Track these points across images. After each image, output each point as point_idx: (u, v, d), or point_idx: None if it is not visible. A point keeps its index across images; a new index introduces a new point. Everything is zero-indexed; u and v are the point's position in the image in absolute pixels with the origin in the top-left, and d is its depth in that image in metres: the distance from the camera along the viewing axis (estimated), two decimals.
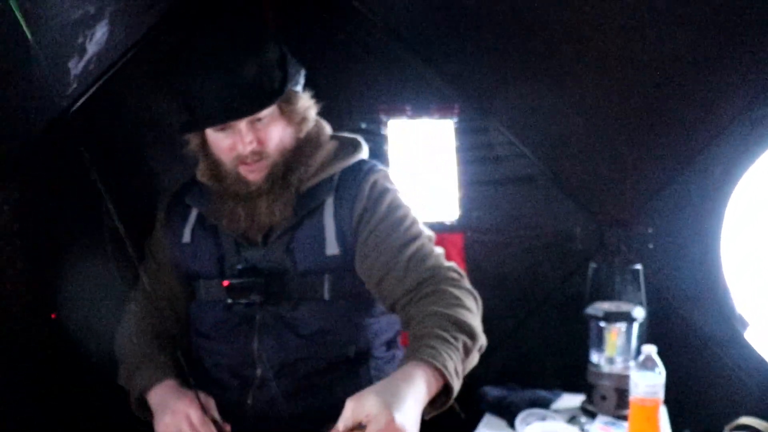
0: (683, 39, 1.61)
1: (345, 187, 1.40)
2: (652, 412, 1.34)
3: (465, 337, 1.21)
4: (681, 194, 1.78)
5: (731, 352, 1.79)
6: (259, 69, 1.29)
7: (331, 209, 1.38)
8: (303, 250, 1.38)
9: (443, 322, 1.20)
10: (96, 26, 1.43)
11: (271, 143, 1.34)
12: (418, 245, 1.36)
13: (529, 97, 1.82)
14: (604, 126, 1.79)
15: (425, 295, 1.28)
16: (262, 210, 1.35)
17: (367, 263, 1.37)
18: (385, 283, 1.35)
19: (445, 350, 1.15)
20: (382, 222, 1.38)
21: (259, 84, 1.29)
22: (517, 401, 1.69)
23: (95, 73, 1.56)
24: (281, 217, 1.36)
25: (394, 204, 1.41)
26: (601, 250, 1.86)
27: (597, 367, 1.67)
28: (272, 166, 1.35)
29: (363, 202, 1.38)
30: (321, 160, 1.42)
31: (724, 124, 1.69)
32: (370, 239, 1.37)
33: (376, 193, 1.40)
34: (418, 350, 1.14)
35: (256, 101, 1.29)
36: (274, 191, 1.35)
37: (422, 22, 1.83)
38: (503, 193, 1.90)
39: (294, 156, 1.37)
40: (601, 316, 1.66)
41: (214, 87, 1.28)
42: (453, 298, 1.26)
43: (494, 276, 1.92)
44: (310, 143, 1.41)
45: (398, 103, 1.93)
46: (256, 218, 1.36)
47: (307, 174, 1.39)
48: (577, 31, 1.68)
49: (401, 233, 1.37)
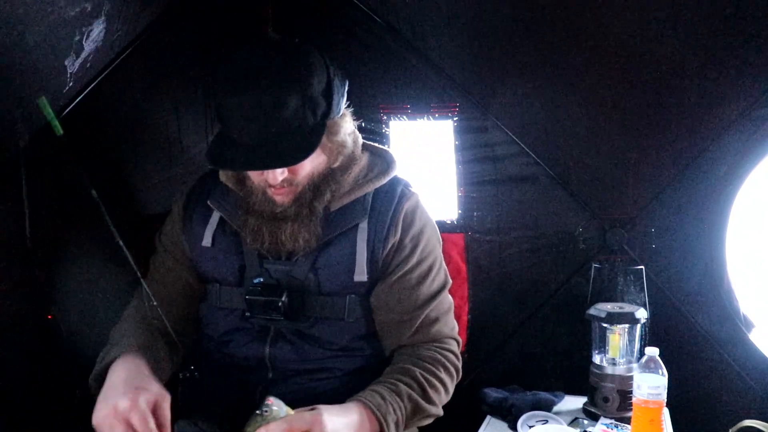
0: (686, 38, 1.60)
1: (379, 212, 1.36)
2: (655, 414, 1.32)
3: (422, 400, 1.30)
4: (684, 194, 1.77)
5: (735, 354, 1.78)
6: (302, 103, 1.19)
7: (365, 234, 1.34)
8: (330, 273, 1.35)
9: (409, 380, 1.30)
10: (93, 24, 1.42)
11: (302, 173, 1.28)
12: (435, 304, 1.40)
13: (530, 96, 1.82)
14: (606, 125, 1.78)
15: (417, 354, 1.37)
16: (286, 234, 1.31)
17: (383, 302, 1.38)
18: (390, 328, 1.40)
19: (392, 402, 1.25)
20: (410, 272, 1.37)
21: (302, 122, 1.20)
22: (518, 403, 1.67)
23: (92, 71, 1.56)
24: (304, 245, 1.32)
25: (426, 250, 1.40)
26: (604, 250, 1.85)
27: (599, 369, 1.66)
28: (300, 192, 1.30)
29: (396, 237, 1.36)
30: (354, 177, 1.38)
31: (728, 123, 1.68)
32: (396, 285, 1.37)
33: (411, 233, 1.38)
34: (366, 393, 1.25)
35: (297, 151, 1.20)
36: (300, 217, 1.30)
37: (422, 22, 1.82)
38: (504, 192, 1.89)
39: (324, 181, 1.32)
40: (603, 317, 1.65)
41: (254, 127, 1.18)
42: (435, 371, 1.35)
43: (495, 276, 1.91)
44: (343, 165, 1.36)
45: (398, 103, 1.92)
46: (280, 241, 1.32)
47: (339, 193, 1.35)
48: (578, 29, 1.67)
49: (424, 289, 1.39)
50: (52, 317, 1.54)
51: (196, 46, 1.81)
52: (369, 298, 1.39)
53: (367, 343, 1.41)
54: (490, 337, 1.93)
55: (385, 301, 1.38)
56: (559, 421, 1.61)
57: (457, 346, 1.44)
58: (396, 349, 1.41)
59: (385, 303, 1.38)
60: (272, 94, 1.17)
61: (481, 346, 1.93)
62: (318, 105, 1.22)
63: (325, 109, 1.24)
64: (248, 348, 1.38)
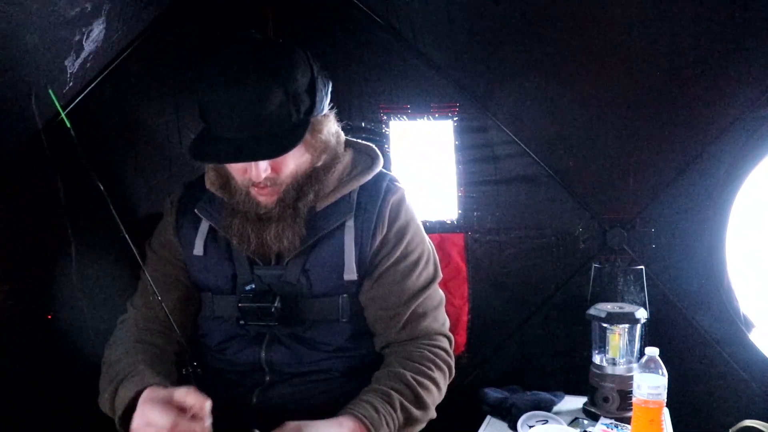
0: (686, 38, 1.60)
1: (365, 208, 1.35)
2: (655, 414, 1.32)
3: (414, 408, 1.28)
4: (684, 194, 1.77)
5: (735, 354, 1.77)
6: (285, 98, 1.19)
7: (352, 232, 1.33)
8: (321, 273, 1.34)
9: (401, 387, 1.28)
10: (93, 24, 1.42)
11: (286, 171, 1.28)
12: (424, 298, 1.38)
13: (530, 96, 1.81)
14: (606, 125, 1.78)
15: (407, 354, 1.34)
16: (270, 236, 1.30)
17: (370, 298, 1.37)
18: (381, 324, 1.38)
19: (385, 414, 1.22)
20: (397, 264, 1.37)
21: (285, 117, 1.20)
22: (518, 403, 1.67)
23: (92, 71, 1.56)
24: (289, 246, 1.31)
25: (412, 244, 1.39)
26: (604, 250, 1.85)
27: (599, 369, 1.66)
28: (284, 193, 1.29)
29: (383, 233, 1.35)
30: (338, 176, 1.37)
31: (728, 123, 1.68)
32: (381, 279, 1.36)
33: (397, 226, 1.37)
34: (359, 404, 1.22)
35: (280, 144, 1.20)
36: (284, 218, 1.30)
37: (422, 22, 1.82)
38: (504, 192, 1.89)
39: (307, 180, 1.31)
40: (603, 317, 1.65)
41: (237, 120, 1.18)
42: (426, 370, 1.32)
43: (495, 276, 1.91)
44: (326, 164, 1.35)
45: (398, 103, 1.92)
46: (265, 242, 1.31)
47: (324, 192, 1.34)
48: (578, 30, 1.67)
49: (412, 282, 1.38)
50: (51, 317, 1.54)
51: (196, 46, 1.80)
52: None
53: (362, 342, 1.40)
54: (490, 337, 1.93)
55: (372, 297, 1.37)
56: (559, 421, 1.61)
57: (448, 343, 1.41)
58: (386, 346, 1.39)
59: (372, 299, 1.37)
60: (256, 89, 1.17)
61: (481, 346, 1.93)
62: (302, 101, 1.22)
63: (309, 105, 1.24)
64: (244, 354, 1.37)
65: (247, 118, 1.18)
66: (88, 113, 1.58)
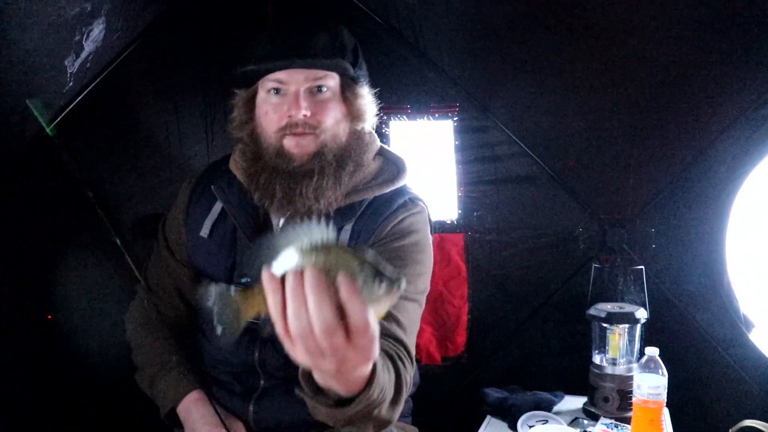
0: (687, 38, 1.60)
1: (369, 217, 1.30)
2: (655, 414, 1.32)
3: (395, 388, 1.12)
4: (684, 194, 1.77)
5: (735, 354, 1.77)
6: (332, 40, 1.24)
7: (347, 236, 1.28)
8: None
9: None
10: (93, 24, 1.42)
11: (327, 118, 1.24)
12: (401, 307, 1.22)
13: (530, 96, 1.82)
14: (606, 125, 1.78)
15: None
16: (307, 191, 1.24)
17: None
18: None
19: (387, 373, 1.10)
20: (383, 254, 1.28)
21: (331, 53, 1.24)
22: (518, 403, 1.67)
23: (92, 71, 1.56)
24: (327, 204, 1.25)
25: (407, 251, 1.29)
26: (604, 250, 1.85)
27: (599, 369, 1.66)
28: (322, 146, 1.25)
29: (379, 236, 1.29)
30: (356, 181, 1.32)
31: (728, 123, 1.68)
32: None
33: (398, 232, 1.29)
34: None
35: (325, 58, 1.23)
36: (325, 175, 1.24)
37: (422, 22, 1.82)
38: (504, 192, 1.89)
39: (346, 149, 1.28)
40: (603, 317, 1.65)
41: (287, 49, 1.23)
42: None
43: (495, 276, 1.91)
44: (361, 149, 1.32)
45: (398, 103, 1.92)
46: (298, 199, 1.24)
47: (340, 193, 1.28)
48: (578, 30, 1.67)
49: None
50: (51, 317, 1.54)
51: (196, 46, 1.81)
52: None
53: None
54: (490, 337, 1.93)
55: None
56: (559, 421, 1.61)
57: (410, 363, 1.19)
58: None
59: None
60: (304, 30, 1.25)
61: (481, 346, 1.93)
62: (347, 52, 1.27)
63: (353, 60, 1.27)
64: (239, 354, 1.35)
65: (296, 47, 1.22)
66: (88, 113, 1.58)
